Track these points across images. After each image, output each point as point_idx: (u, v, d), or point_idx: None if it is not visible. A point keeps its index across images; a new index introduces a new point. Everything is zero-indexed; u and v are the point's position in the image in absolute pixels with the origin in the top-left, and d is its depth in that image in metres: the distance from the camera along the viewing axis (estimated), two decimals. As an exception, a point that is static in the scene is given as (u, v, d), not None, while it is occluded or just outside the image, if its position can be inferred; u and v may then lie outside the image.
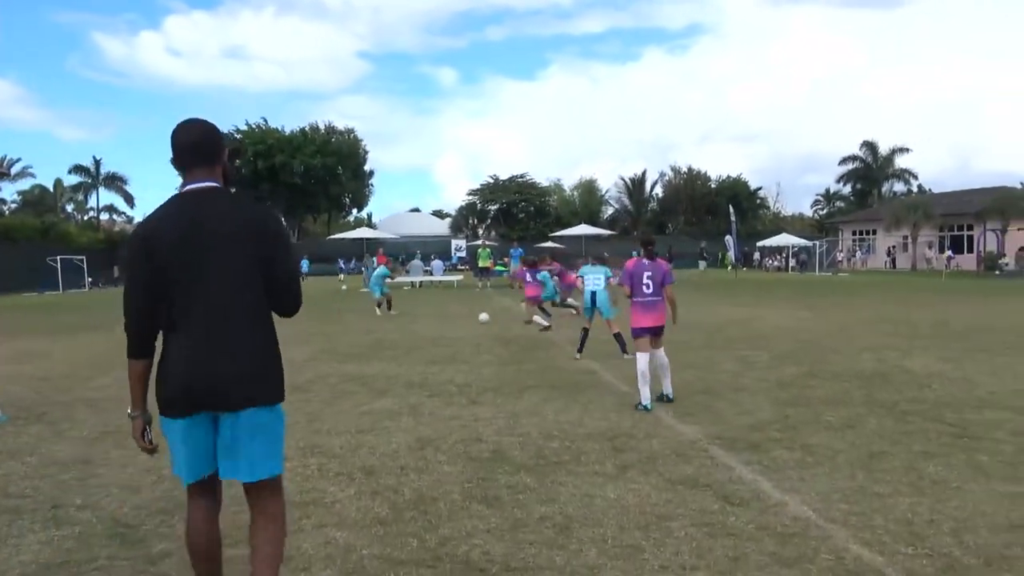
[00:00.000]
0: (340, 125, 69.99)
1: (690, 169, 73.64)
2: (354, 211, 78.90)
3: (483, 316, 16.64)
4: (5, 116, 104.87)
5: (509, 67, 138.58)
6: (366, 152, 71.21)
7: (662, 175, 74.93)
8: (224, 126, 72.04)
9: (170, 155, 3.08)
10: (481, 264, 33.85)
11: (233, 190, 3.24)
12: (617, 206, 76.04)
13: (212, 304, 2.92)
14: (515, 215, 68.60)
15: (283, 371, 3.15)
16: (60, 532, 4.48)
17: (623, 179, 75.18)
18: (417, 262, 36.38)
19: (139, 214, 74.37)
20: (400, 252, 45.94)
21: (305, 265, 18.82)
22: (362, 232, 54.10)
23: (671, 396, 7.93)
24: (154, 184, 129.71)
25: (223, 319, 2.94)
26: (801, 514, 4.58)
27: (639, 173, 74.39)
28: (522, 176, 70.62)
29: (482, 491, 5.13)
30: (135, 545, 4.24)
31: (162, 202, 3.07)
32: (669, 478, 5.33)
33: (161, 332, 3.01)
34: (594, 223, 61.70)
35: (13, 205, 69.58)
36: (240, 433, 2.96)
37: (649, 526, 4.42)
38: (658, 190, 75.10)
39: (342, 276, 41.69)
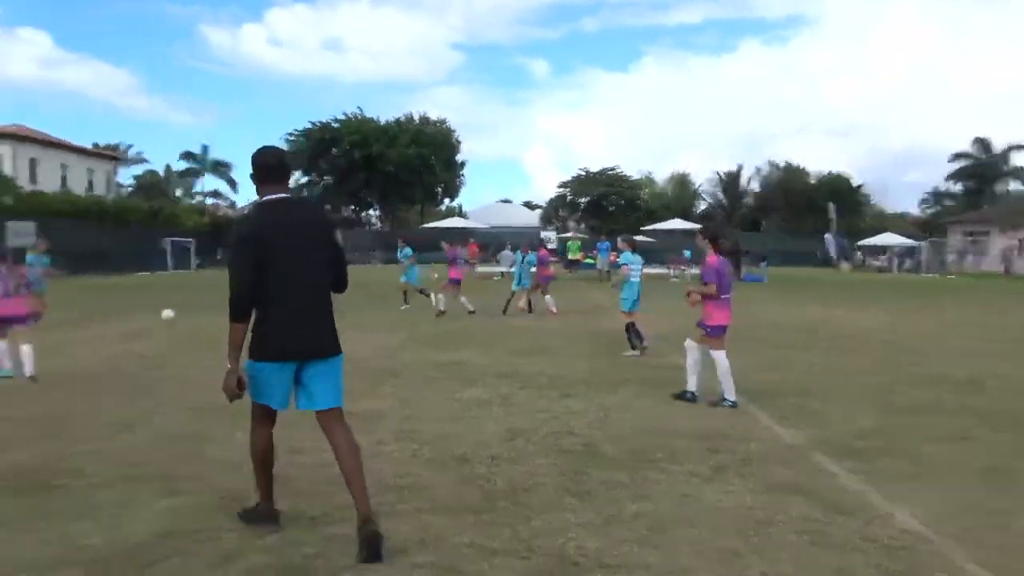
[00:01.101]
0: (433, 116, 70.98)
1: (787, 164, 71.51)
2: (446, 201, 79.96)
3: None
4: (123, 104, 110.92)
5: (602, 58, 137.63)
6: (458, 142, 72.00)
7: (758, 170, 73.06)
8: (321, 115, 73.63)
9: (253, 174, 4.11)
10: (571, 256, 33.77)
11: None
12: (711, 200, 74.58)
13: (303, 283, 4.00)
14: (605, 208, 68.08)
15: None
16: (175, 502, 4.71)
17: (717, 173, 73.71)
18: (507, 252, 36.53)
19: (242, 199, 77.37)
20: (491, 242, 46.25)
21: (409, 252, 18.96)
22: (454, 222, 54.89)
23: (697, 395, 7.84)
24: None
25: (312, 294, 4.06)
26: (910, 527, 4.39)
27: (734, 167, 72.80)
28: (613, 168, 70.03)
29: (575, 484, 5.12)
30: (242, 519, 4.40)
31: (255, 205, 4.17)
32: (768, 482, 5.19)
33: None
34: (686, 217, 60.66)
35: (128, 189, 73.24)
36: (327, 374, 4.14)
37: (747, 531, 4.32)
38: (754, 185, 73.28)
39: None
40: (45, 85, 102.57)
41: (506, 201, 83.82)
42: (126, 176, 74.71)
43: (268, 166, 4.13)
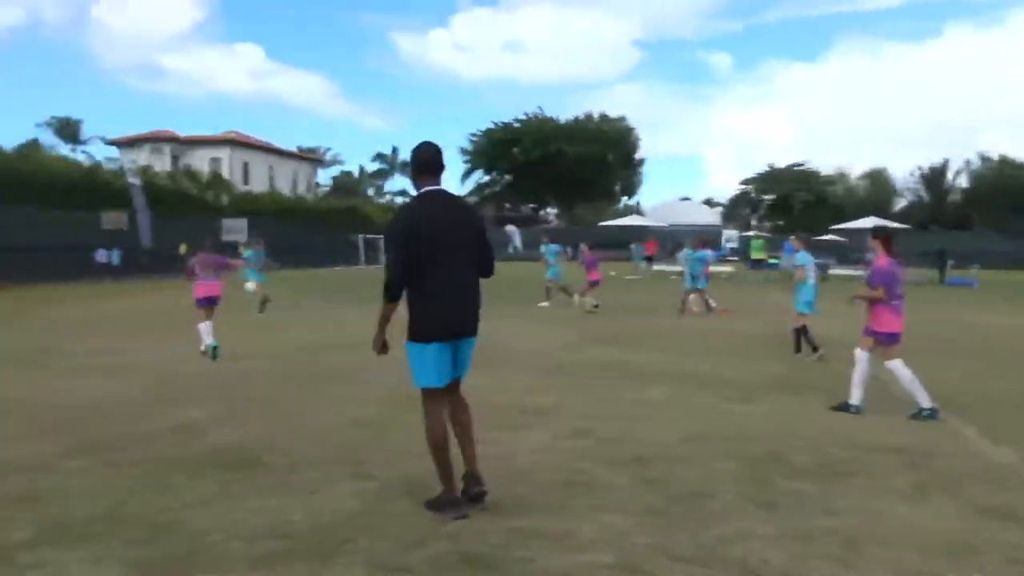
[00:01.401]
0: (613, 113, 70.73)
1: (1003, 157, 64.92)
2: (624, 199, 79.53)
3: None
4: (322, 110, 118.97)
5: (788, 49, 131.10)
6: (638, 140, 71.39)
7: (967, 163, 66.91)
8: (503, 116, 75.66)
9: (412, 167, 4.51)
10: (754, 256, 32.50)
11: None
12: (912, 198, 69.22)
13: (458, 269, 4.37)
14: (792, 206, 65.03)
15: None
16: (363, 485, 4.98)
17: (920, 168, 68.28)
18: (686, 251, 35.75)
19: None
20: (668, 241, 45.44)
21: (555, 249, 19.32)
22: (631, 220, 54.40)
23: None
24: (449, 172, 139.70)
25: (465, 278, 4.44)
26: None
27: (938, 161, 67.09)
28: (801, 164, 66.77)
29: (758, 493, 4.91)
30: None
31: (414, 198, 4.48)
32: (976, 504, 4.73)
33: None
34: (884, 215, 56.64)
35: (326, 189, 78.51)
36: (467, 349, 4.57)
37: (954, 555, 3.96)
38: (961, 180, 67.22)
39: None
40: (256, 95, 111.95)
41: (685, 199, 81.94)
42: (324, 177, 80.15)
43: (425, 161, 4.45)
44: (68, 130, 61.57)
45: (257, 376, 8.88)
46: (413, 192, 4.54)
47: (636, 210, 75.38)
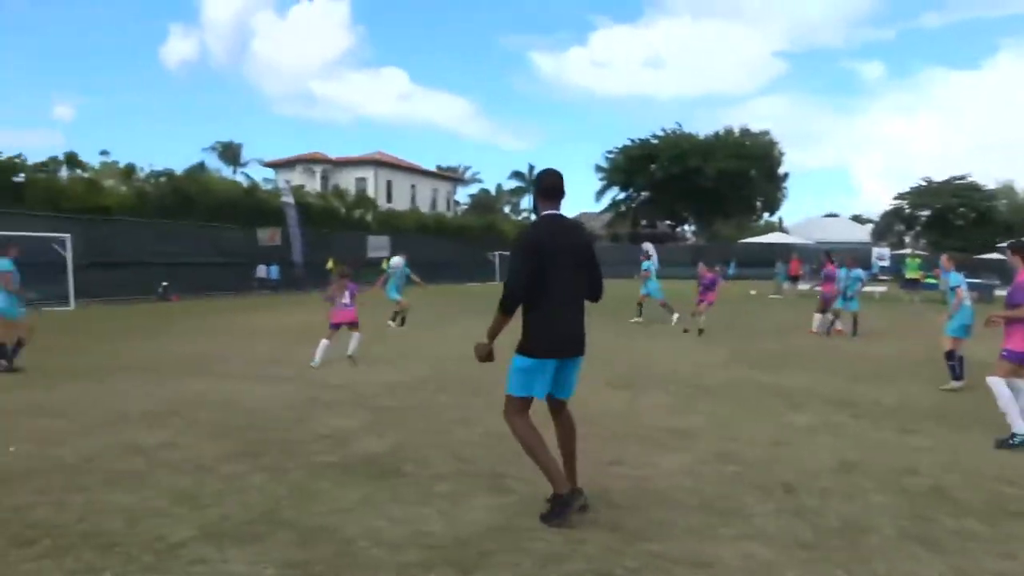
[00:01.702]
0: (755, 127, 68.76)
1: None
2: (765, 215, 76.91)
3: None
4: (461, 130, 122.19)
5: (947, 56, 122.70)
6: (781, 155, 68.95)
7: None
8: (640, 133, 74.79)
9: (535, 191, 4.75)
10: (909, 275, 30.52)
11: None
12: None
13: (570, 290, 4.57)
14: (951, 222, 60.81)
15: None
16: (501, 499, 5.00)
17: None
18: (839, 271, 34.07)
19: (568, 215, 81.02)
20: (813, 259, 43.50)
21: (648, 265, 19.13)
22: (775, 237, 52.55)
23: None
24: (575, 187, 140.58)
25: (575, 301, 4.64)
26: None
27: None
28: (961, 177, 62.34)
29: (920, 530, 4.56)
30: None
31: (537, 219, 4.69)
32: None
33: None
34: (1057, 232, 51.94)
35: (464, 207, 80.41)
36: (573, 369, 4.75)
37: None
38: None
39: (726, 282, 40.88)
40: (400, 116, 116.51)
41: (832, 215, 78.43)
42: (463, 195, 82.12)
43: (549, 187, 4.69)
44: (230, 153, 66.26)
45: (399, 388, 9.14)
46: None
47: (778, 227, 72.83)
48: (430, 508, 4.80)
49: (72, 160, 29.98)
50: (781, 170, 69.45)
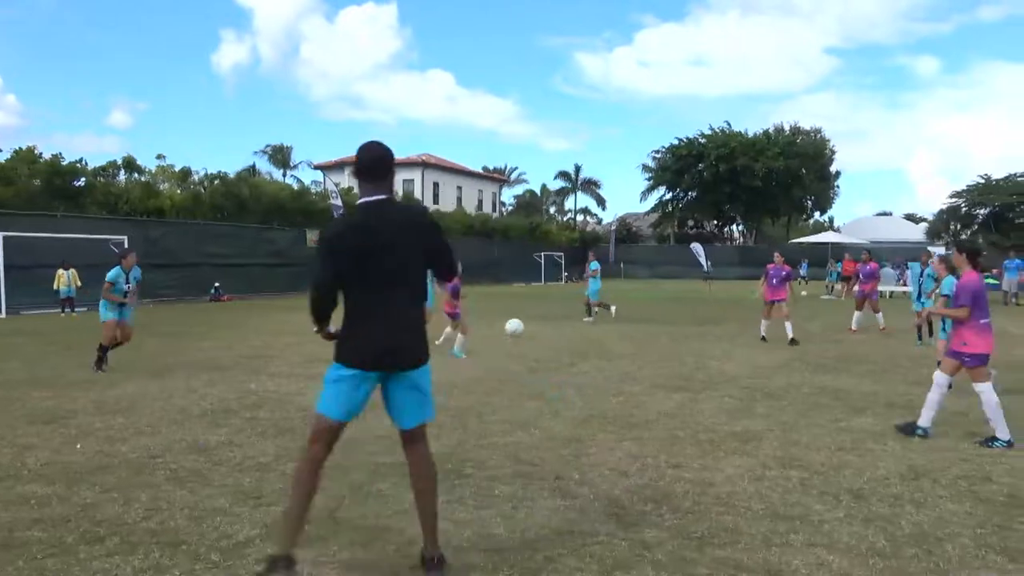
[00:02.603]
0: (806, 125, 67.51)
1: None
2: (816, 214, 75.57)
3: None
4: (507, 131, 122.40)
5: (1006, 50, 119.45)
6: (833, 153, 67.62)
7: None
8: (687, 132, 74.28)
9: (354, 170, 3.79)
10: (968, 275, 29.68)
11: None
12: None
13: (391, 288, 3.70)
14: (1011, 220, 58.89)
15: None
16: (563, 503, 4.93)
17: None
18: (888, 270, 33.33)
19: (608, 215, 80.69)
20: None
21: (595, 265, 19.63)
22: (826, 236, 51.54)
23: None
24: (621, 187, 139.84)
25: (402, 304, 3.76)
26: None
27: None
28: (1023, 175, 60.34)
29: (1000, 540, 4.38)
30: (630, 527, 4.46)
31: (345, 214, 4.43)
32: None
33: None
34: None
35: (509, 208, 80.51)
36: (407, 389, 3.88)
37: None
38: None
39: (802, 282, 40.16)
40: (446, 118, 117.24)
41: (885, 214, 76.71)
42: (508, 196, 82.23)
43: (369, 164, 3.73)
44: (280, 156, 67.37)
45: (451, 390, 9.11)
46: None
47: (829, 226, 71.46)
48: (492, 510, 4.76)
49: (130, 164, 30.69)
50: (832, 168, 68.17)
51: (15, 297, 21.70)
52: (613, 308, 20.02)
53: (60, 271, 22.26)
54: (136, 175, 31.28)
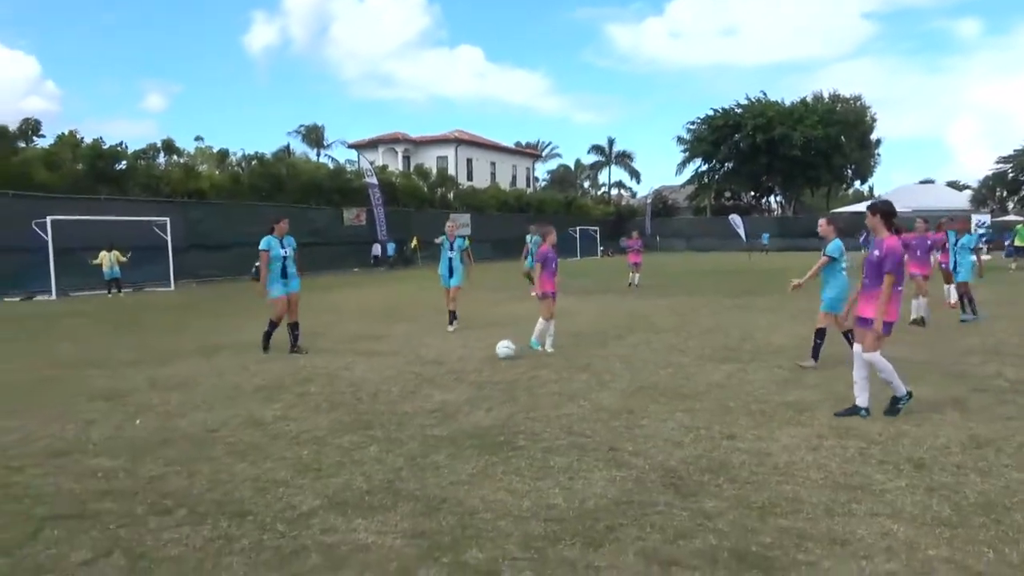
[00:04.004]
0: (845, 92, 66.12)
1: None
2: (856, 183, 74.15)
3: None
4: (538, 106, 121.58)
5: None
6: (873, 120, 66.25)
7: None
8: (722, 102, 73.26)
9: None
10: (1019, 243, 29.00)
11: None
12: None
13: None
14: (1060, 186, 57.26)
15: None
16: (619, 473, 4.93)
17: None
18: (932, 239, 32.64)
19: (643, 188, 80.00)
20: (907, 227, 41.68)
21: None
22: (865, 206, 50.59)
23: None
24: (655, 160, 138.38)
25: None
26: None
27: None
28: (1073, 138, 58.54)
29: (1070, 509, 4.29)
30: (688, 497, 4.45)
31: None
32: None
33: None
34: None
35: (543, 183, 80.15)
36: None
37: None
38: None
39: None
40: (477, 94, 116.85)
41: (926, 181, 75.01)
42: (542, 171, 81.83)
43: None
44: (313, 136, 67.60)
45: (497, 363, 9.16)
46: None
47: (869, 195, 70.11)
48: (549, 481, 4.78)
49: (169, 146, 31.05)
50: (873, 136, 66.81)
51: (64, 279, 22.17)
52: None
53: (103, 252, 22.70)
54: (175, 157, 31.65)
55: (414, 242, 36.90)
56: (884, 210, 6.56)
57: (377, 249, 36.38)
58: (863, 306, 6.45)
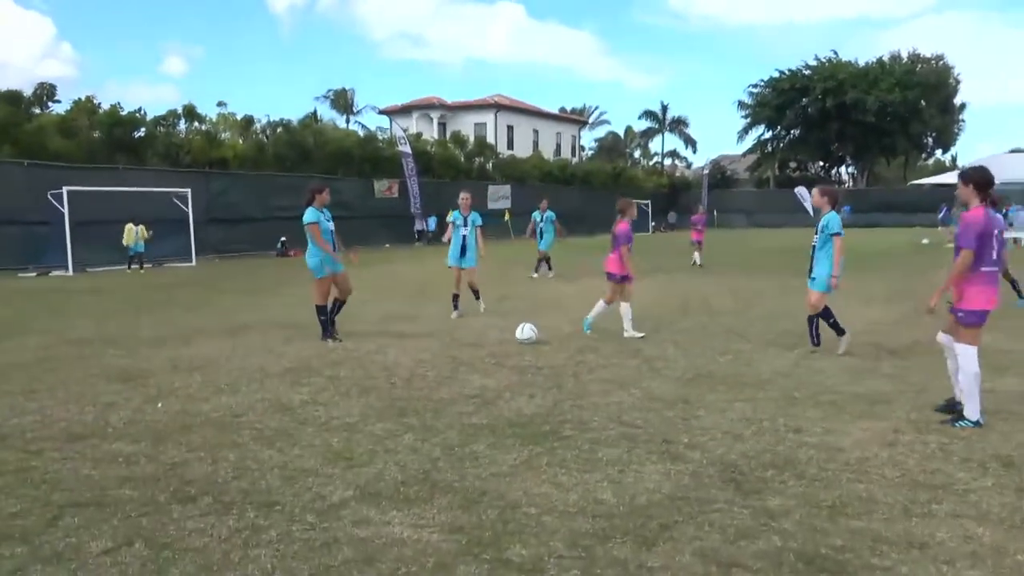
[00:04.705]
0: (927, 52, 64.46)
1: None
2: (937, 152, 72.41)
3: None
4: (584, 68, 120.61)
5: None
6: (957, 83, 64.52)
7: None
8: (785, 62, 71.89)
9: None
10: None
11: None
12: None
13: None
14: None
15: None
16: (674, 467, 4.91)
17: None
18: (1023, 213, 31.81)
19: (699, 159, 79.05)
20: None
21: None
22: (948, 177, 49.32)
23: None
24: (713, 127, 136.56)
25: None
26: None
27: None
28: None
29: None
30: (750, 495, 4.41)
31: None
32: None
33: None
34: None
35: (590, 152, 79.68)
36: None
37: None
38: None
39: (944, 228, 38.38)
40: (518, 56, 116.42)
41: (1017, 151, 72.90)
42: (588, 139, 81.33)
43: None
44: (342, 101, 67.98)
45: (540, 347, 9.16)
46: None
47: (952, 166, 68.44)
48: (598, 474, 4.78)
49: (190, 112, 31.51)
50: (957, 100, 65.11)
51: (81, 253, 22.65)
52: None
53: (129, 225, 23.05)
54: (197, 124, 32.11)
55: (506, 215, 36.88)
56: (977, 179, 5.88)
57: (420, 223, 36.71)
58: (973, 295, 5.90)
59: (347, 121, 65.47)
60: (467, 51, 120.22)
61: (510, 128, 58.41)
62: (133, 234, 23.17)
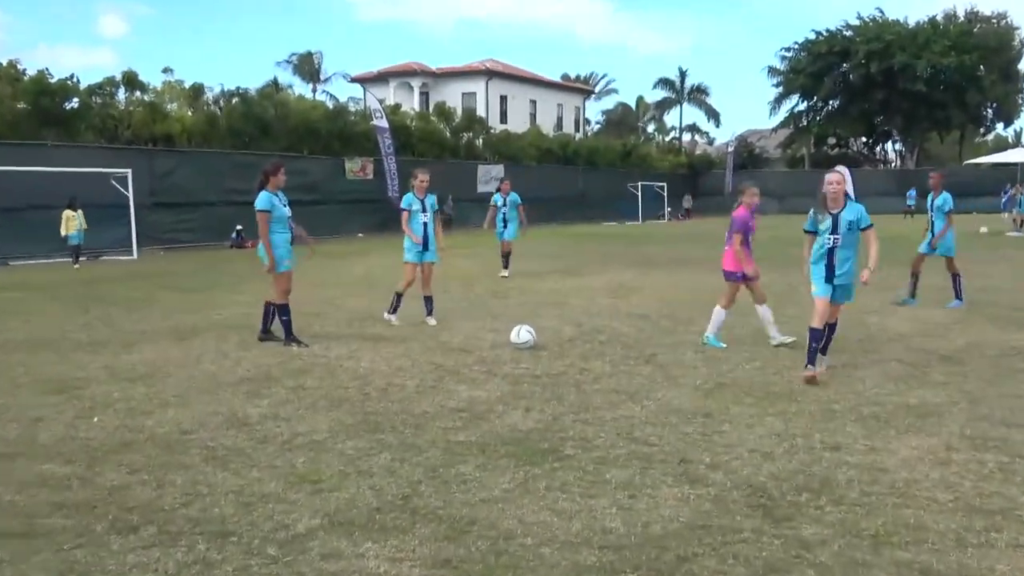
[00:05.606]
0: (986, 9, 64.69)
1: None
2: (998, 127, 72.65)
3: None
4: (590, 30, 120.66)
5: None
6: (1022, 45, 64.65)
7: None
8: (826, 23, 72.11)
9: None
10: None
11: None
12: None
13: None
14: None
15: None
16: (693, 491, 4.94)
17: None
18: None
19: (722, 134, 79.18)
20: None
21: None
22: (1010, 155, 49.52)
23: None
24: (738, 97, 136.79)
25: None
26: None
27: None
28: None
29: None
30: (781, 522, 4.44)
31: None
32: None
33: None
34: None
35: (596, 126, 79.89)
36: None
37: None
38: None
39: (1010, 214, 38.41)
40: (513, 16, 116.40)
41: (1092, 124, 73.24)
42: (594, 111, 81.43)
43: None
44: (307, 67, 67.99)
45: (538, 352, 9.19)
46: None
47: (1015, 143, 68.75)
48: (604, 499, 4.80)
49: (131, 80, 31.41)
50: (1021, 66, 65.28)
51: (3, 245, 22.56)
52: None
53: (68, 212, 22.38)
54: (139, 94, 32.05)
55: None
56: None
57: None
58: None
59: (313, 91, 65.63)
60: (456, 10, 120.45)
61: (503, 99, 58.52)
62: (75, 222, 22.41)
